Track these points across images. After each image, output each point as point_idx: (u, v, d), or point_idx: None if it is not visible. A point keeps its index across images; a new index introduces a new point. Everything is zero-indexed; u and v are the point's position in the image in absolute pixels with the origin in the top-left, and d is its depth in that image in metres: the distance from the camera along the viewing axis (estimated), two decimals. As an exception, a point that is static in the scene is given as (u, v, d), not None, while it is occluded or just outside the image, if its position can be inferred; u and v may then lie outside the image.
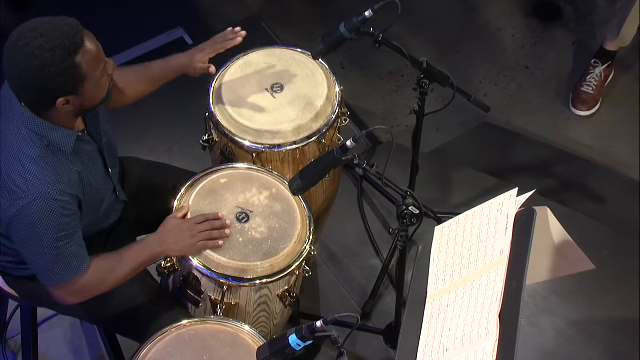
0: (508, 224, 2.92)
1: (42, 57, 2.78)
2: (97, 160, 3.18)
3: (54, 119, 2.93)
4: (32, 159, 2.92)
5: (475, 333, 2.80)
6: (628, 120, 4.88)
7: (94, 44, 2.89)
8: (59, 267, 3.00)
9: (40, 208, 2.90)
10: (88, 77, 2.88)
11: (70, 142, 2.97)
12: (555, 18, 5.22)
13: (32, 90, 2.86)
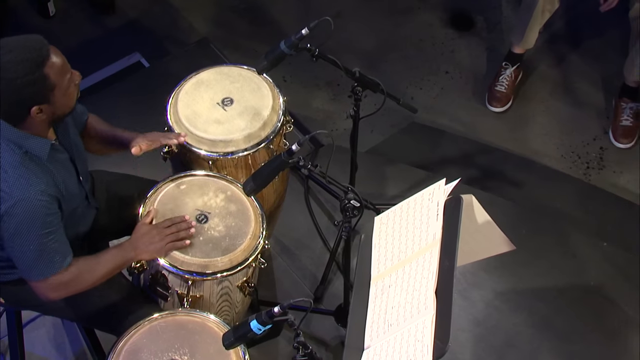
0: (438, 211, 2.94)
1: (14, 70, 2.79)
2: (69, 168, 3.15)
3: (29, 128, 2.93)
4: (12, 165, 2.91)
5: (415, 308, 2.80)
6: (537, 113, 4.92)
7: (59, 56, 2.91)
8: (42, 262, 2.99)
9: (24, 208, 2.89)
10: (57, 86, 2.88)
11: (46, 150, 2.97)
12: (469, 28, 5.25)
13: (7, 102, 2.85)
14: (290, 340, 2.93)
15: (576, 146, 4.80)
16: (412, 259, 2.91)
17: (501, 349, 4.02)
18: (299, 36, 3.43)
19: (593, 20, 5.18)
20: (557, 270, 4.24)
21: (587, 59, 5.13)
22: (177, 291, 3.35)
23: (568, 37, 5.19)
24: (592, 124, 4.88)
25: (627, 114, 4.79)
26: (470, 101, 4.94)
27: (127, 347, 3.09)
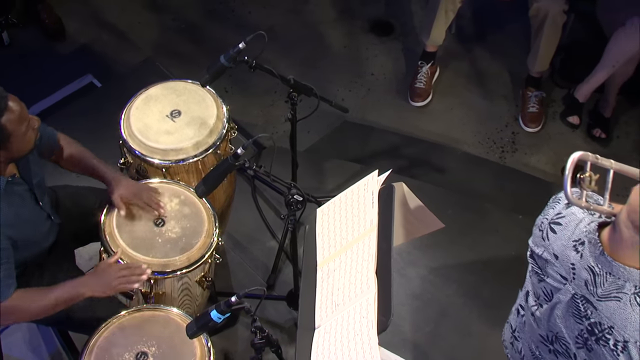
0: (374, 199, 2.94)
1: None
2: (27, 197, 3.11)
3: None
4: None
5: (359, 288, 2.80)
6: (454, 105, 4.95)
7: (17, 105, 2.84)
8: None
9: None
10: (13, 134, 2.84)
11: (1, 186, 2.93)
12: (388, 33, 5.26)
13: None
14: (248, 326, 2.92)
15: (491, 133, 4.84)
16: (352, 244, 2.91)
17: (437, 319, 4.04)
18: (237, 50, 3.44)
19: (498, 20, 5.23)
20: (482, 245, 4.28)
21: (495, 55, 5.18)
22: (141, 290, 3.32)
23: (476, 36, 5.23)
24: (503, 112, 4.93)
25: (533, 101, 4.85)
26: (394, 99, 4.95)
27: (99, 343, 3.06)
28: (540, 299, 2.63)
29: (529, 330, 2.76)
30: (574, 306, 2.48)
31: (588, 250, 2.41)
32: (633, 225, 2.29)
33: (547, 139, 4.83)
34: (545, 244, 2.56)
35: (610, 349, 2.41)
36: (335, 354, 2.72)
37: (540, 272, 2.60)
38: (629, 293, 2.35)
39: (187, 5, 5.26)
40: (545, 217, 2.60)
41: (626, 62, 4.55)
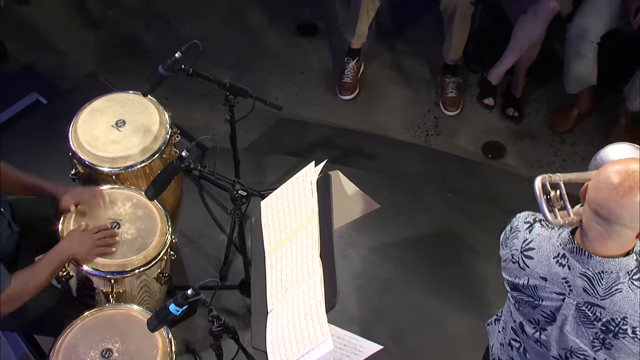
0: (312, 188, 2.94)
1: None
2: None
3: None
4: None
5: (306, 272, 2.80)
6: (380, 96, 4.98)
7: None
8: None
9: None
10: None
11: None
12: (314, 34, 5.27)
13: None
14: (206, 315, 2.91)
15: (415, 119, 4.88)
16: (296, 232, 2.91)
17: (379, 294, 4.06)
18: (174, 59, 3.42)
19: (413, 15, 5.26)
20: (416, 222, 4.31)
21: (413, 47, 5.21)
22: (102, 290, 3.28)
23: (395, 32, 5.26)
24: (425, 99, 4.97)
25: (451, 87, 4.90)
26: (324, 94, 4.96)
27: (65, 344, 3.02)
28: (541, 323, 2.53)
29: (536, 357, 2.66)
30: (582, 315, 2.42)
31: (574, 260, 2.37)
32: (601, 219, 2.25)
33: (466, 121, 4.88)
34: (527, 272, 2.47)
35: (630, 337, 2.37)
36: (288, 334, 2.72)
37: (533, 299, 2.50)
38: (625, 281, 2.33)
39: (123, 21, 5.20)
40: (514, 249, 2.51)
41: (531, 47, 4.63)
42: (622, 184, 2.19)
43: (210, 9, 5.30)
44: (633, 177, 2.20)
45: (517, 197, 4.45)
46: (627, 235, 2.27)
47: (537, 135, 4.83)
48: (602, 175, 2.24)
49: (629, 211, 2.21)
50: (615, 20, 4.40)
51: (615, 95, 4.78)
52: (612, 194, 2.21)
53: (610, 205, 2.22)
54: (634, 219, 2.22)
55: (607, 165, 2.26)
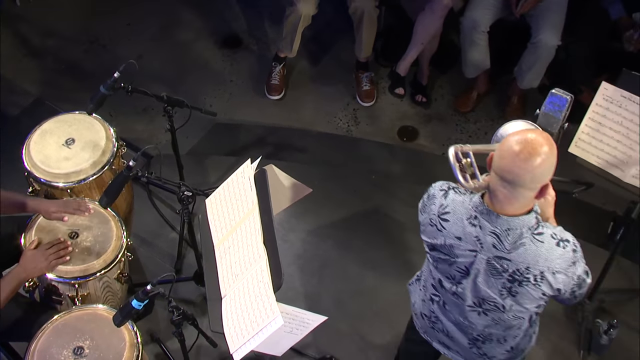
0: (251, 183, 2.95)
1: None
2: None
3: None
4: None
5: (252, 258, 2.81)
6: (304, 94, 4.98)
7: None
8: None
9: None
10: None
11: None
12: (238, 45, 5.23)
13: None
14: (166, 307, 2.89)
15: (337, 112, 4.89)
16: (240, 224, 2.91)
17: (319, 271, 4.08)
18: (113, 79, 3.38)
19: (326, 20, 5.26)
20: (346, 204, 4.33)
21: (330, 49, 5.22)
22: (68, 295, 3.24)
23: (312, 36, 5.24)
24: (343, 94, 4.98)
25: (365, 81, 4.92)
26: (254, 98, 4.93)
27: (39, 347, 2.98)
28: (457, 278, 2.59)
29: (454, 308, 2.71)
30: (492, 268, 2.48)
31: (484, 220, 2.43)
32: (509, 183, 2.32)
33: (381, 110, 4.92)
34: (444, 233, 2.52)
35: (532, 284, 2.45)
36: (242, 315, 2.72)
37: (449, 257, 2.56)
38: (528, 235, 2.40)
39: (63, 48, 5.09)
40: (432, 214, 2.55)
41: (431, 40, 4.69)
42: (522, 150, 2.27)
43: (142, 30, 5.22)
44: (531, 144, 2.28)
45: (433, 172, 4.52)
46: (528, 196, 2.35)
47: (444, 116, 4.90)
48: (505, 145, 2.31)
49: (529, 174, 2.29)
50: (500, 11, 4.49)
51: (507, 76, 4.86)
52: (514, 160, 2.28)
53: (513, 170, 2.29)
54: (533, 180, 2.31)
55: (509, 136, 2.34)
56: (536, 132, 2.34)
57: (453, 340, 2.83)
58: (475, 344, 2.79)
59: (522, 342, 2.79)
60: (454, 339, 2.82)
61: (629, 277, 4.05)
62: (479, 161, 2.52)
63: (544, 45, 4.37)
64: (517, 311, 2.57)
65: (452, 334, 2.81)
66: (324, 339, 3.67)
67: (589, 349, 3.82)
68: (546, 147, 2.28)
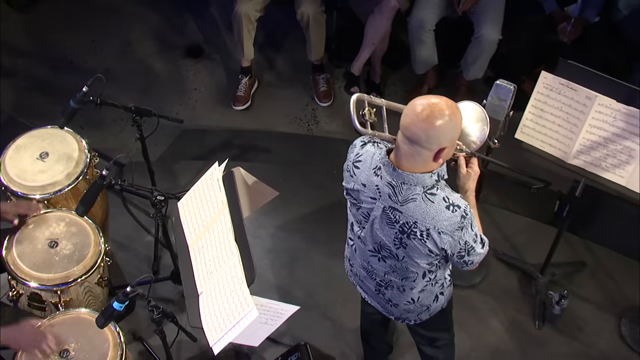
0: (220, 185, 2.94)
1: None
2: None
3: None
4: None
5: (225, 255, 2.80)
6: (265, 100, 4.95)
7: None
8: None
9: None
10: None
11: None
12: (200, 54, 5.19)
13: None
14: (146, 306, 2.89)
15: (297, 113, 4.89)
16: (212, 224, 2.90)
17: (290, 263, 4.09)
18: (82, 93, 3.36)
19: (281, 27, 5.26)
20: (312, 199, 4.35)
21: (286, 54, 5.22)
22: (51, 301, 3.21)
23: (269, 44, 5.24)
24: (302, 95, 4.98)
25: (322, 82, 4.93)
26: (218, 105, 4.91)
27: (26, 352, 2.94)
28: (362, 223, 2.70)
29: (360, 252, 2.82)
30: (386, 216, 2.57)
31: (384, 171, 2.52)
32: (408, 140, 2.41)
33: (338, 108, 4.93)
34: (354, 179, 2.63)
35: (419, 239, 2.53)
36: (219, 310, 2.72)
37: (356, 202, 2.66)
38: (420, 193, 2.49)
39: (32, 67, 5.01)
40: (349, 161, 2.67)
41: (381, 40, 4.71)
42: (422, 111, 2.37)
43: (107, 46, 5.17)
44: (431, 107, 2.38)
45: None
46: (425, 155, 2.44)
47: (399, 113, 4.92)
48: (411, 105, 2.42)
49: (425, 133, 2.38)
50: (444, 9, 4.53)
51: (454, 69, 4.92)
52: (414, 119, 2.38)
53: (412, 128, 2.39)
54: (429, 140, 2.39)
55: (418, 98, 2.44)
56: (442, 99, 2.43)
57: (365, 285, 2.95)
58: (380, 290, 2.89)
59: (425, 298, 2.86)
60: (365, 284, 2.95)
61: (576, 251, 4.13)
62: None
63: (486, 39, 4.43)
64: (410, 263, 2.66)
65: (363, 279, 2.93)
66: (297, 327, 3.68)
67: (544, 319, 3.89)
68: (448, 112, 2.39)
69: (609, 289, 4.00)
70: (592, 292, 3.99)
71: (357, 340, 3.67)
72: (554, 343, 3.82)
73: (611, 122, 3.25)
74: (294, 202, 4.28)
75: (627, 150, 3.25)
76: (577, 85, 3.28)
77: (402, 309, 2.91)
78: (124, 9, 5.37)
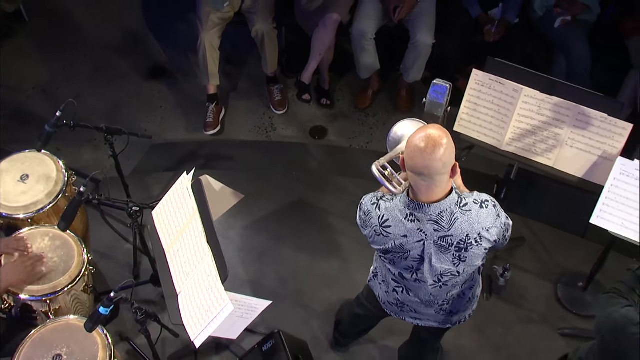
0: (189, 192, 2.94)
1: None
2: None
3: None
4: None
5: (199, 257, 2.80)
6: (227, 111, 4.93)
7: None
8: None
9: None
10: None
11: None
12: (163, 75, 5.15)
13: None
14: (130, 309, 2.87)
15: (256, 122, 4.89)
16: (185, 229, 2.89)
17: (259, 259, 4.09)
18: (56, 118, 3.33)
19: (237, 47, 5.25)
20: (274, 199, 4.35)
21: (242, 69, 5.21)
22: (41, 311, 3.18)
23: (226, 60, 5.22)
24: (259, 105, 4.98)
25: (276, 92, 4.93)
26: (182, 119, 4.87)
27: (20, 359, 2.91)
28: (414, 267, 2.62)
29: (417, 290, 2.74)
30: (439, 247, 2.52)
31: (419, 213, 2.45)
32: (426, 176, 2.36)
33: (293, 115, 4.94)
34: (391, 237, 2.53)
35: (475, 246, 2.50)
36: (197, 307, 2.71)
37: (402, 254, 2.57)
38: (457, 211, 2.45)
39: (8, 96, 4.92)
40: (373, 226, 2.55)
41: (327, 50, 4.74)
42: (427, 146, 2.32)
43: (76, 73, 5.10)
44: (433, 138, 2.33)
45: (343, 162, 4.58)
46: (445, 180, 2.41)
47: (347, 114, 4.96)
48: (411, 146, 2.35)
49: (440, 162, 2.34)
50: (382, 19, 4.58)
51: (394, 73, 4.97)
52: (424, 156, 2.33)
53: (426, 164, 2.34)
54: (445, 166, 2.36)
55: (411, 138, 2.37)
56: (431, 127, 2.38)
57: (422, 313, 2.87)
58: (442, 309, 2.83)
59: (475, 289, 2.86)
60: (423, 312, 2.86)
61: (515, 228, 4.17)
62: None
63: (422, 44, 4.49)
64: (469, 271, 2.63)
65: (420, 310, 2.85)
66: (270, 317, 3.68)
67: (491, 291, 3.95)
68: (444, 137, 2.34)
69: (545, 259, 4.09)
70: (530, 263, 4.07)
71: (325, 325, 3.70)
72: (502, 311, 3.89)
73: (537, 111, 3.32)
74: (258, 203, 4.28)
75: (554, 135, 3.32)
76: (505, 80, 3.35)
77: (462, 310, 2.87)
78: (88, 39, 5.30)
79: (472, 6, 4.61)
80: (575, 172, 3.33)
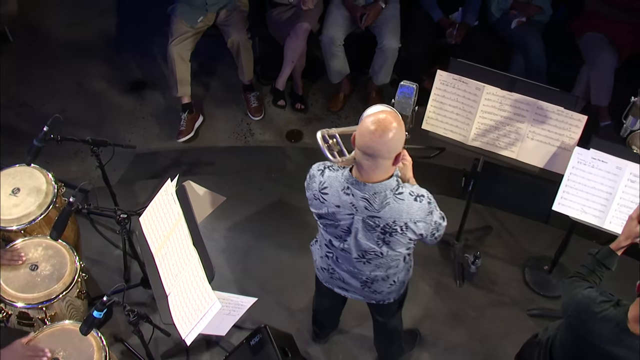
0: (174, 198, 2.94)
1: None
2: None
3: None
4: None
5: (186, 259, 2.80)
6: (207, 119, 4.92)
7: None
8: None
9: None
10: None
11: None
12: (143, 87, 5.13)
13: None
14: (123, 311, 2.87)
15: (234, 128, 4.89)
16: (171, 233, 2.90)
17: (243, 259, 4.09)
18: (43, 132, 3.31)
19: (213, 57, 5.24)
20: (256, 201, 4.35)
21: (219, 78, 5.21)
22: (38, 317, 3.16)
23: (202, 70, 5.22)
24: (237, 112, 4.99)
25: (253, 99, 4.93)
26: (164, 128, 4.87)
27: (21, 365, 2.86)
28: (342, 237, 2.65)
29: (344, 260, 2.78)
30: (367, 225, 2.55)
31: (355, 189, 2.49)
32: (369, 156, 2.39)
33: (269, 121, 4.95)
34: (326, 204, 2.57)
35: (400, 233, 2.53)
36: (186, 306, 2.72)
37: (333, 222, 2.61)
38: (391, 196, 2.48)
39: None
40: (313, 190, 2.60)
41: (299, 57, 4.76)
42: (377, 129, 2.35)
43: (61, 89, 5.07)
44: (384, 122, 2.36)
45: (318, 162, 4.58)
46: (386, 165, 2.44)
47: (321, 117, 4.98)
48: (363, 126, 2.38)
49: (385, 147, 2.37)
50: (349, 26, 4.61)
51: (364, 76, 5.00)
52: (372, 137, 2.35)
53: (372, 145, 2.36)
54: (389, 151, 2.39)
55: (365, 118, 2.41)
56: (386, 112, 2.41)
57: (349, 284, 2.93)
58: (366, 285, 2.88)
59: (402, 276, 2.90)
60: (349, 284, 2.92)
61: (483, 218, 4.26)
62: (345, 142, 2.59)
63: (388, 48, 4.52)
64: (392, 255, 2.68)
65: (347, 280, 2.90)
66: (256, 313, 3.67)
67: (463, 278, 4.00)
68: (395, 123, 2.37)
69: (512, 246, 4.14)
70: (499, 250, 4.12)
71: (308, 318, 3.71)
72: (474, 297, 3.94)
73: (499, 107, 3.37)
74: (240, 205, 4.28)
75: (515, 129, 3.37)
76: (467, 79, 3.38)
77: (386, 292, 2.91)
78: (71, 56, 5.27)
79: (433, 11, 4.66)
80: (536, 163, 3.38)
